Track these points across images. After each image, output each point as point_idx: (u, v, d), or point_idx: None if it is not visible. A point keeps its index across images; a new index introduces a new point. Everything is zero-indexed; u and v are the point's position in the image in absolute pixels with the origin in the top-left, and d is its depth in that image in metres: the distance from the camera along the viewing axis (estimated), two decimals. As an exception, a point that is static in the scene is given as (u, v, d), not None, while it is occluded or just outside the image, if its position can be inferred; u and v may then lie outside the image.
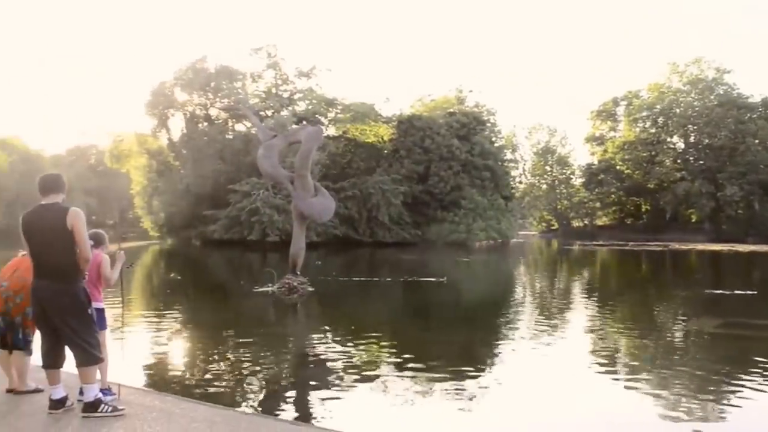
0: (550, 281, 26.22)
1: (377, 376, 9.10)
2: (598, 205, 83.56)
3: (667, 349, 11.63)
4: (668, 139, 79.36)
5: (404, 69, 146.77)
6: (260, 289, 19.17)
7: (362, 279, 24.29)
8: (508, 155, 76.11)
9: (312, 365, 10.27)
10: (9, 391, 6.19)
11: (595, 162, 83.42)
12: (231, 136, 56.74)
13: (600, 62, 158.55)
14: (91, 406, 5.48)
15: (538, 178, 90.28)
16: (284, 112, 54.23)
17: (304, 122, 41.62)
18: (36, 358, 5.94)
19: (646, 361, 10.28)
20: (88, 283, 5.78)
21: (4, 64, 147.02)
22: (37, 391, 6.14)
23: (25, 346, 6.10)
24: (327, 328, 14.08)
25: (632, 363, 10.28)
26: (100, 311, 6.17)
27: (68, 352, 5.61)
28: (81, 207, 5.97)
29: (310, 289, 19.12)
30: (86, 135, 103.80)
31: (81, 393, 5.67)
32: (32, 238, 5.47)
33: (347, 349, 11.17)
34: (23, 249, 5.83)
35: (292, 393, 8.34)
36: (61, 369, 5.66)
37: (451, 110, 61.99)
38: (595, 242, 60.14)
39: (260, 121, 27.78)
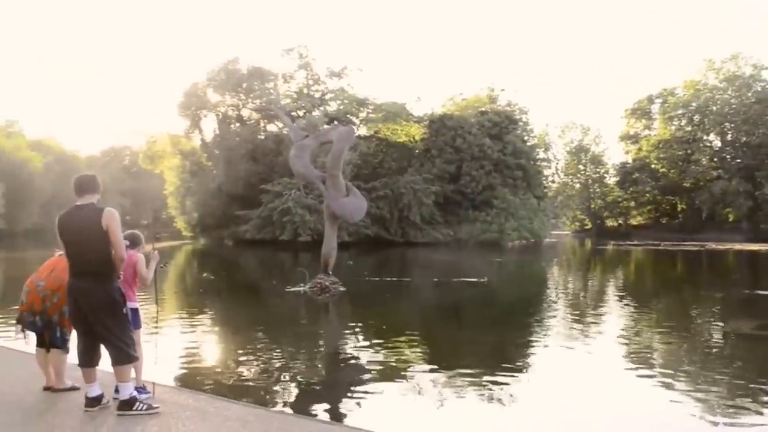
0: (586, 282, 25.92)
1: (409, 377, 9.08)
2: (632, 204, 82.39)
3: (703, 351, 11.43)
4: (704, 137, 78.02)
5: (436, 68, 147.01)
6: (292, 289, 19.24)
7: (394, 279, 24.24)
8: (541, 154, 75.34)
9: (344, 365, 10.27)
10: (46, 388, 6.29)
11: (630, 161, 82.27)
12: (263, 137, 57.06)
13: (634, 60, 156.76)
14: (127, 404, 5.55)
15: (571, 177, 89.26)
16: (316, 113, 54.40)
17: (336, 122, 41.71)
18: (72, 356, 6.02)
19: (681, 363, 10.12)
20: (123, 283, 5.84)
21: (39, 66, 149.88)
22: (73, 389, 6.23)
23: (63, 345, 6.19)
24: (359, 328, 14.07)
25: (667, 365, 10.10)
26: (135, 311, 6.24)
27: (104, 350, 5.69)
28: (115, 207, 6.04)
29: (342, 289, 19.13)
30: (120, 136, 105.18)
31: (116, 391, 5.75)
32: (68, 238, 5.54)
33: (379, 349, 11.16)
34: (59, 249, 5.92)
35: (324, 392, 8.34)
36: (96, 367, 5.74)
37: (483, 109, 61.64)
38: (629, 242, 59.36)
39: (292, 122, 27.86)
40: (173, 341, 11.39)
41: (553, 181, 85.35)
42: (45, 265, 6.36)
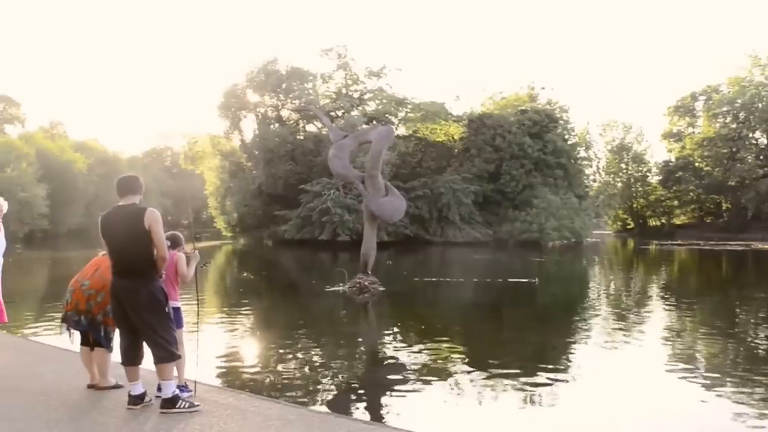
0: (631, 282, 25.47)
1: (449, 377, 9.02)
2: (675, 203, 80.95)
3: (747, 352, 11.16)
4: (750, 135, 76.15)
5: (475, 67, 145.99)
6: (331, 289, 19.28)
7: (434, 279, 24.11)
8: (582, 153, 74.10)
9: (383, 365, 10.24)
10: (90, 386, 6.37)
11: (673, 159, 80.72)
12: (302, 137, 57.40)
13: (676, 56, 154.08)
14: (169, 402, 5.59)
15: (612, 176, 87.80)
16: (354, 113, 54.54)
17: (375, 122, 41.72)
18: (116, 354, 6.08)
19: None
20: (165, 282, 5.88)
21: (82, 69, 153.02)
22: (117, 387, 6.30)
23: (107, 344, 6.26)
24: (398, 328, 14.05)
25: (711, 367, 9.86)
26: (177, 310, 6.28)
27: (146, 349, 5.74)
28: (157, 207, 6.09)
29: (381, 288, 19.11)
30: (162, 137, 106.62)
31: (159, 389, 5.80)
32: (110, 238, 5.61)
33: (419, 349, 11.11)
34: (103, 249, 5.98)
35: (363, 392, 8.33)
36: (139, 366, 5.79)
37: (523, 108, 60.91)
38: (672, 242, 58.30)
39: (331, 122, 27.96)
40: (214, 340, 11.46)
41: (594, 180, 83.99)
42: (89, 264, 6.44)
